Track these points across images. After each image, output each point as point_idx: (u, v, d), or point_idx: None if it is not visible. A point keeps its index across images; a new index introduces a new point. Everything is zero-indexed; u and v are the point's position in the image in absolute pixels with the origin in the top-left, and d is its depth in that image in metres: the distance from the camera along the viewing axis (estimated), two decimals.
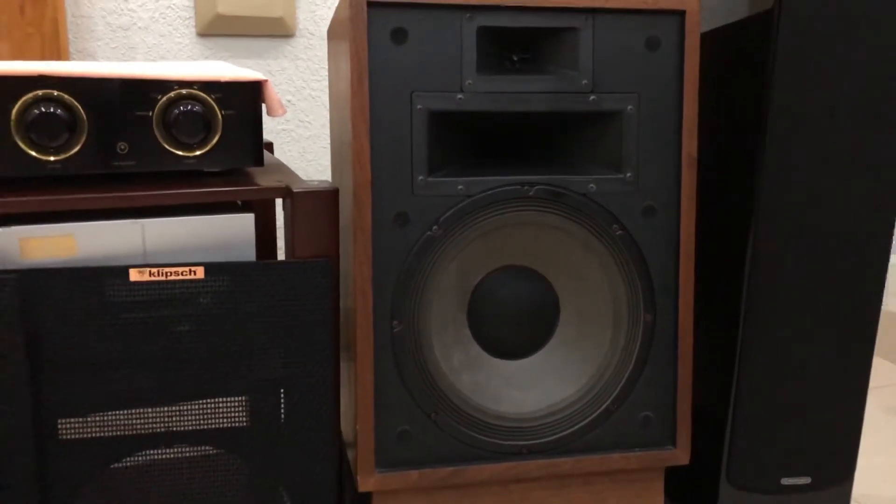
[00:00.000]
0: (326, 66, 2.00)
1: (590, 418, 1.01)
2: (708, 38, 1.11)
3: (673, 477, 1.19)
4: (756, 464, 1.06)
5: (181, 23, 1.83)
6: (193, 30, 1.84)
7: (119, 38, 1.79)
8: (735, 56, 1.06)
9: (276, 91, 1.44)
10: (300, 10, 1.93)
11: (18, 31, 1.60)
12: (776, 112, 0.98)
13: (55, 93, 0.89)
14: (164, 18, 1.82)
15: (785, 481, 1.07)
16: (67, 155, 0.91)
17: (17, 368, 0.87)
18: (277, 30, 1.89)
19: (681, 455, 1.03)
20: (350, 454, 1.05)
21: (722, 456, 1.07)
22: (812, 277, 1.02)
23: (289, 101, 1.98)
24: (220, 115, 0.95)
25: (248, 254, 0.98)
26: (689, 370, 1.02)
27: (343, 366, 1.10)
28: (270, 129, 1.95)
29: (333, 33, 1.12)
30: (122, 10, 1.78)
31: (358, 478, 0.96)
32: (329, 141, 2.01)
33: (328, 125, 2.03)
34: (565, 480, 1.03)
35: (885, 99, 0.99)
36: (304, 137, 1.99)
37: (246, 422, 0.96)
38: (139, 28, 1.80)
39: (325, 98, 2.01)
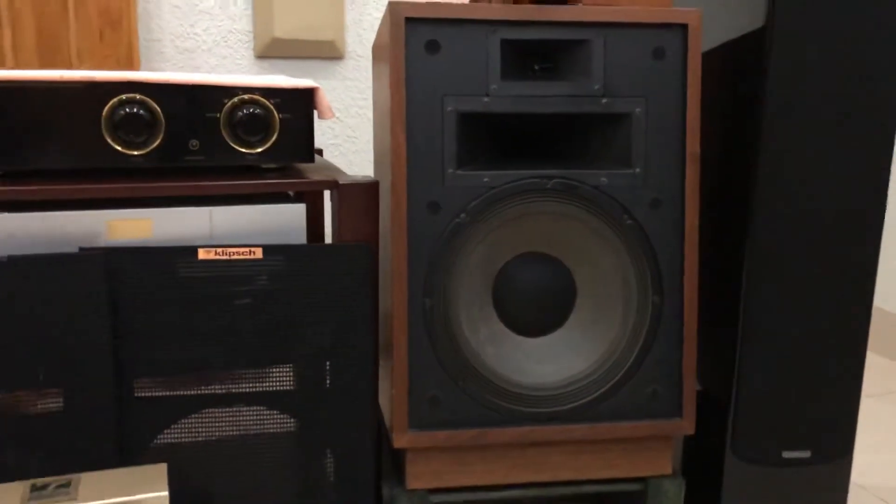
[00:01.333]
0: (371, 85, 2.16)
1: (602, 390, 1.11)
2: (714, 53, 1.22)
3: (682, 451, 1.28)
4: (759, 438, 1.15)
5: (241, 45, 2.01)
6: (252, 52, 2.02)
7: (185, 60, 1.97)
8: (736, 68, 1.16)
9: None
10: (349, 34, 2.09)
11: (98, 53, 1.79)
12: (769, 118, 1.08)
13: (138, 96, 1.04)
14: (225, 42, 1.99)
15: (786, 454, 1.16)
16: (147, 150, 1.06)
17: (100, 334, 1.01)
18: (328, 52, 2.05)
19: (686, 425, 1.13)
20: (386, 416, 1.17)
21: (727, 430, 1.16)
22: (808, 261, 1.11)
23: (337, 118, 2.13)
24: (277, 118, 1.10)
25: (300, 238, 1.12)
26: (694, 348, 1.12)
27: (381, 337, 1.22)
28: (320, 142, 2.10)
29: (376, 48, 1.27)
30: (188, 34, 1.96)
31: (393, 436, 1.08)
32: (373, 155, 2.16)
33: (373, 140, 2.18)
34: (580, 446, 1.13)
35: (867, 103, 1.09)
36: (351, 151, 2.14)
37: (295, 386, 1.09)
38: (203, 50, 1.98)
39: (371, 115, 2.16)
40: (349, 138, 2.12)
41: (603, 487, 1.16)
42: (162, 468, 0.89)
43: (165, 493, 0.84)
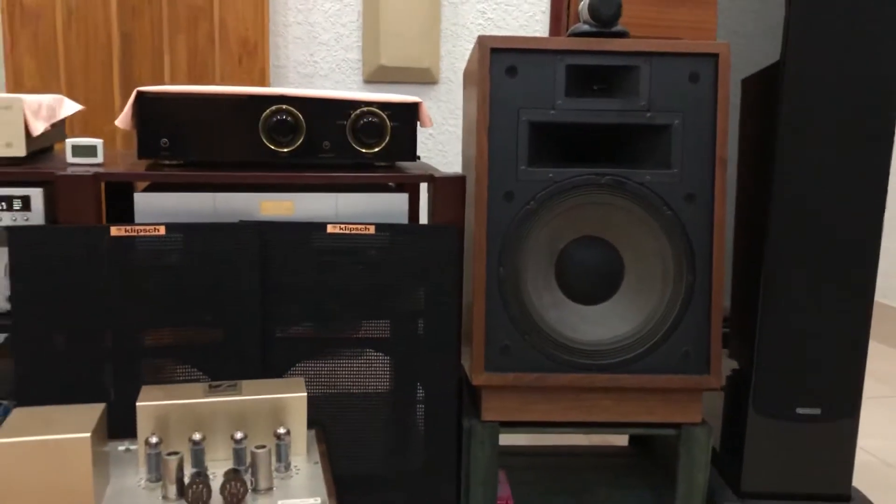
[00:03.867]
0: (461, 108, 2.47)
1: (643, 348, 1.37)
2: (750, 79, 1.47)
3: (711, 406, 1.52)
4: (776, 396, 1.38)
5: (352, 72, 2.35)
6: (361, 77, 2.36)
7: (305, 83, 2.33)
8: (764, 93, 1.41)
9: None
10: (443, 63, 2.41)
11: (236, 77, 2.16)
12: (784, 131, 1.33)
13: (286, 107, 1.37)
14: (339, 69, 2.34)
15: (800, 411, 1.38)
16: (292, 148, 1.38)
17: (253, 287, 1.33)
18: (425, 78, 2.38)
19: (714, 381, 1.37)
20: (466, 364, 1.45)
21: (749, 389, 1.40)
22: (818, 248, 1.34)
23: (430, 135, 2.45)
24: (389, 126, 1.41)
25: (403, 220, 1.42)
26: (720, 318, 1.36)
27: (464, 299, 1.50)
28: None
29: (467, 73, 1.57)
30: (308, 62, 2.32)
31: (472, 375, 1.36)
32: (461, 159, 2.46)
33: (460, 154, 2.49)
34: (624, 394, 1.39)
35: (867, 122, 1.32)
36: (441, 164, 2.45)
37: (393, 335, 1.39)
38: (320, 76, 2.33)
39: (460, 132, 2.47)
40: (440, 152, 2.44)
41: (643, 431, 1.41)
42: (301, 380, 1.20)
43: (304, 395, 1.15)
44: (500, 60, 1.33)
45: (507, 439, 1.76)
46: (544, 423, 1.40)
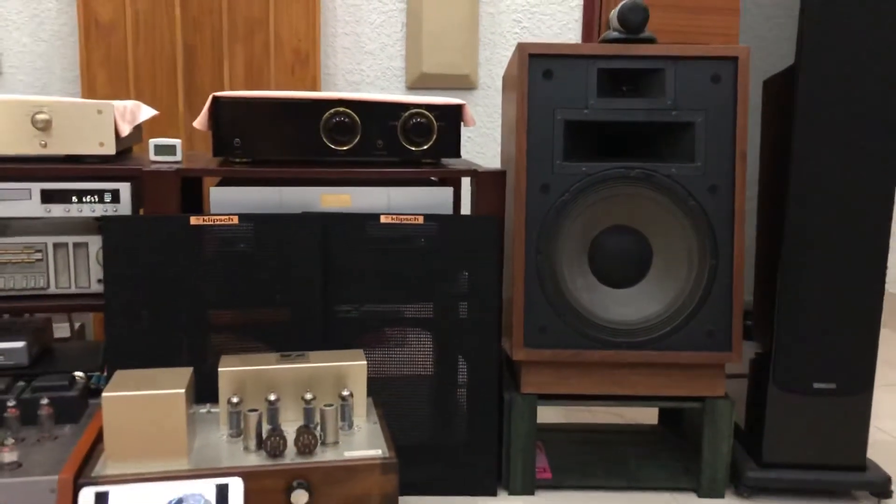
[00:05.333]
0: (499, 112, 2.61)
1: (670, 327, 1.49)
2: (771, 81, 1.58)
3: (735, 389, 1.63)
4: (795, 370, 1.49)
5: (395, 79, 2.50)
6: (404, 84, 2.51)
7: (353, 90, 2.48)
8: (782, 92, 1.53)
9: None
10: (481, 69, 2.55)
11: (289, 84, 2.32)
12: (800, 126, 1.44)
13: (343, 109, 1.52)
14: (384, 76, 2.50)
15: (816, 385, 1.49)
16: (349, 147, 1.53)
17: (315, 271, 1.48)
18: (464, 84, 2.52)
19: (735, 357, 1.48)
20: (505, 341, 1.58)
21: (770, 365, 1.51)
22: (832, 235, 1.45)
23: (469, 138, 2.59)
24: (436, 126, 1.55)
25: (448, 211, 1.55)
26: (741, 300, 1.48)
27: (504, 283, 1.63)
28: None
29: (506, 77, 1.71)
30: (355, 70, 2.47)
31: (512, 352, 1.50)
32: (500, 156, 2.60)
33: (498, 156, 2.62)
34: (653, 369, 1.51)
35: (878, 122, 1.43)
36: (481, 164, 2.58)
37: (440, 316, 1.52)
38: (366, 83, 2.49)
39: (497, 135, 2.61)
40: (478, 153, 2.58)
41: (671, 404, 1.53)
42: (360, 351, 1.34)
43: (364, 363, 1.29)
44: (538, 65, 1.47)
45: (543, 416, 1.89)
46: (579, 396, 1.53)
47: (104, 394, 1.10)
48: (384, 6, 2.48)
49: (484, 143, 2.58)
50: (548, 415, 1.97)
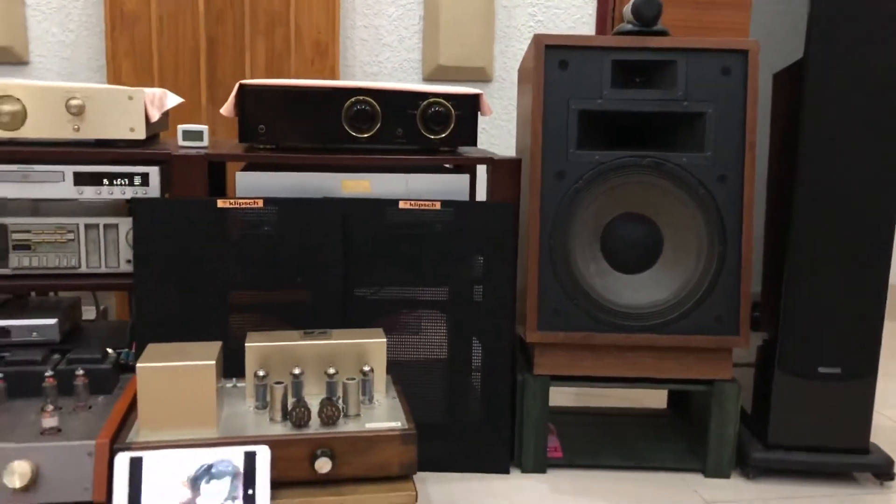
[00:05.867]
0: (513, 104, 2.65)
1: (680, 312, 1.53)
2: (780, 74, 1.63)
3: (742, 377, 1.67)
4: (800, 355, 1.53)
5: (413, 71, 2.55)
6: (420, 76, 2.56)
7: (371, 82, 2.53)
8: (789, 86, 1.57)
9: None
10: (496, 62, 2.60)
11: (309, 76, 2.37)
12: (808, 117, 1.48)
13: (364, 98, 1.57)
14: (401, 68, 2.55)
15: (821, 370, 1.53)
16: (369, 134, 1.58)
17: (336, 254, 1.53)
18: (480, 76, 2.57)
19: (742, 342, 1.53)
20: (519, 325, 1.63)
21: (776, 350, 1.55)
22: (838, 223, 1.49)
23: (483, 129, 2.64)
24: (453, 114, 1.60)
25: (464, 197, 1.60)
26: (749, 286, 1.52)
27: (519, 267, 1.68)
28: None
29: (522, 69, 1.75)
30: (374, 62, 2.53)
31: (526, 334, 1.55)
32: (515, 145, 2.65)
33: (511, 148, 2.67)
34: (663, 352, 1.55)
35: (883, 115, 1.46)
36: None
37: (456, 299, 1.57)
38: (384, 75, 2.54)
39: (511, 127, 2.65)
40: (492, 145, 2.62)
41: (680, 386, 1.57)
42: (380, 330, 1.39)
43: (384, 341, 1.34)
44: (554, 56, 1.51)
45: (555, 401, 1.94)
46: (590, 378, 1.58)
47: (139, 364, 1.16)
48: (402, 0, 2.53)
49: (498, 134, 2.63)
50: (559, 400, 2.02)
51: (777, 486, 1.57)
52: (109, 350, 1.44)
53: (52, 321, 1.54)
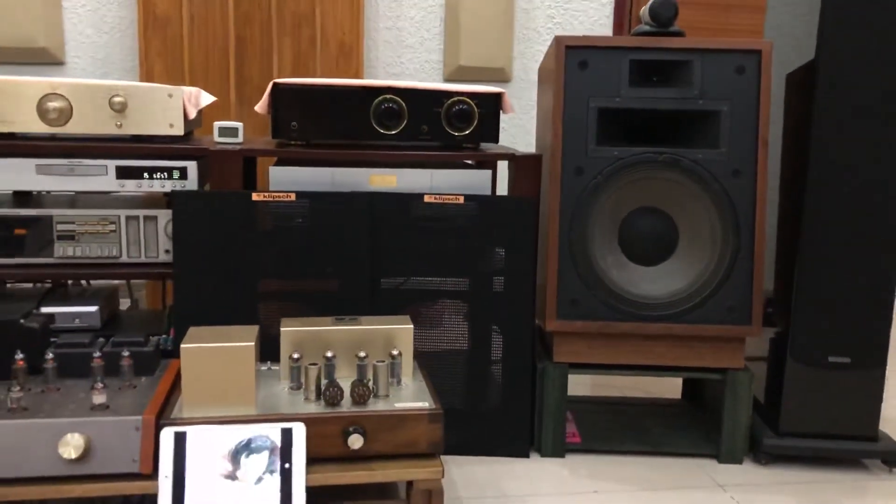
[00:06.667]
0: (531, 104, 2.72)
1: (694, 302, 1.59)
2: (790, 76, 1.68)
3: (755, 370, 1.73)
4: (811, 345, 1.59)
5: (434, 71, 2.62)
6: (442, 76, 2.63)
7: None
8: (802, 86, 1.62)
9: None
10: (515, 63, 2.67)
11: (334, 76, 2.45)
12: (819, 114, 1.54)
13: (391, 96, 1.64)
14: (422, 69, 2.62)
15: (831, 359, 1.59)
16: (396, 132, 1.65)
17: (363, 246, 1.60)
18: (499, 77, 2.64)
19: (755, 331, 1.58)
20: (539, 315, 1.69)
21: (787, 340, 1.61)
22: (848, 217, 1.55)
23: (503, 129, 2.70)
24: (476, 112, 1.66)
25: (486, 192, 1.66)
26: (762, 277, 1.58)
27: (539, 259, 1.73)
28: None
29: (542, 69, 1.82)
30: (396, 63, 2.60)
31: (546, 323, 1.61)
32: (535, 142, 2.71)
33: (530, 146, 2.73)
34: (677, 341, 1.61)
35: (893, 112, 1.52)
36: None
37: (478, 290, 1.64)
38: (406, 75, 2.61)
39: (530, 126, 2.72)
40: (511, 143, 2.69)
41: (693, 374, 1.63)
42: (407, 317, 1.46)
43: (411, 327, 1.41)
44: (574, 56, 1.58)
45: (573, 391, 2.00)
46: (607, 366, 1.64)
47: (183, 345, 1.23)
48: (424, 2, 2.60)
49: (517, 133, 2.70)
50: (577, 390, 2.08)
51: (788, 471, 1.62)
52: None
53: (94, 308, 1.62)
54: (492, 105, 1.67)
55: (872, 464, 1.66)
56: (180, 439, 1.18)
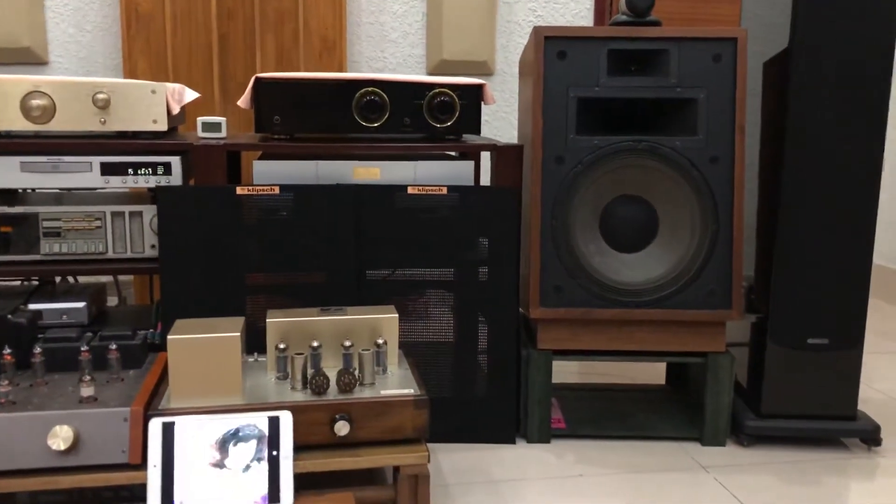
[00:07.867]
0: (514, 96, 2.74)
1: (675, 287, 1.62)
2: (767, 64, 1.71)
3: (736, 354, 1.75)
4: (790, 327, 1.62)
5: (417, 66, 2.64)
6: (424, 70, 2.65)
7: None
8: (777, 73, 1.65)
9: None
10: (498, 56, 2.69)
11: (316, 70, 2.46)
12: (793, 101, 1.56)
13: (373, 89, 1.66)
14: (405, 63, 2.63)
15: (810, 341, 1.62)
16: (378, 124, 1.67)
17: (348, 237, 1.62)
18: (482, 70, 2.65)
19: (735, 315, 1.61)
20: (523, 303, 1.71)
21: (767, 322, 1.63)
22: (824, 201, 1.58)
23: (486, 121, 2.72)
24: (458, 104, 1.68)
25: (469, 182, 1.68)
26: (741, 262, 1.61)
27: (522, 247, 1.76)
28: None
29: (522, 62, 1.84)
30: (378, 57, 2.61)
31: (529, 310, 1.63)
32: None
33: (512, 139, 2.75)
34: (658, 326, 1.64)
35: (864, 95, 1.55)
36: None
37: (462, 279, 1.66)
38: (389, 69, 2.63)
39: (512, 119, 2.74)
40: (494, 135, 2.71)
41: (675, 359, 1.66)
42: (392, 306, 1.48)
43: (396, 316, 1.42)
44: (553, 46, 1.60)
45: (557, 378, 2.02)
46: (591, 352, 1.66)
47: (169, 336, 1.25)
48: None
49: (500, 125, 2.72)
50: (562, 378, 2.10)
51: (770, 452, 1.65)
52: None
53: (81, 304, 1.63)
54: (473, 96, 1.69)
55: (852, 443, 1.69)
56: (168, 429, 1.20)
